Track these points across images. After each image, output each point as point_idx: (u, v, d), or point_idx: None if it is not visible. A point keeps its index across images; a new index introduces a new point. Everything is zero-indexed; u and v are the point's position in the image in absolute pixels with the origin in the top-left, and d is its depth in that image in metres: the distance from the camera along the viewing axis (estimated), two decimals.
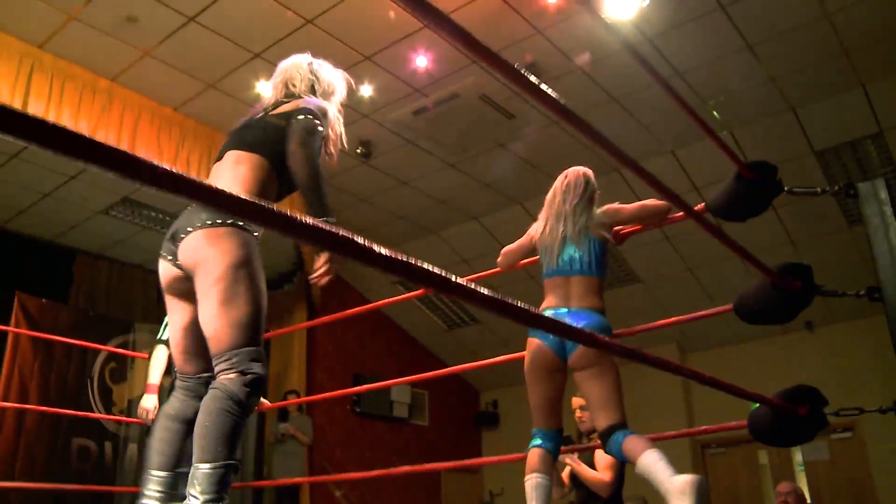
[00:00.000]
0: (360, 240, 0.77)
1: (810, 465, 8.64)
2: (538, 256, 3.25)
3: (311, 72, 2.63)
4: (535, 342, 2.99)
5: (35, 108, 5.47)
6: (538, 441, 2.93)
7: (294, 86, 2.58)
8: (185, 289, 2.28)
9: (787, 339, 8.87)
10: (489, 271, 4.17)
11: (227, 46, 5.75)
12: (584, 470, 4.18)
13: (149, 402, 4.25)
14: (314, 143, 2.30)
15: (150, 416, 4.15)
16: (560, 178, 3.25)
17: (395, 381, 5.45)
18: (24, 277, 7.62)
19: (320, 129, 2.37)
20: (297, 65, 2.64)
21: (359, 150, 6.99)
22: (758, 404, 2.26)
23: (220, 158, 2.44)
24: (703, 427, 3.46)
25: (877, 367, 7.77)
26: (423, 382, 10.25)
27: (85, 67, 5.85)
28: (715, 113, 6.54)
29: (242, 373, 2.05)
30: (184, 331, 2.32)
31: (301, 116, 2.34)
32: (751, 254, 2.10)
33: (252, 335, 2.11)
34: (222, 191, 0.78)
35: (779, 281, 2.39)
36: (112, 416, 7.45)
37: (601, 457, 4.20)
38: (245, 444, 7.90)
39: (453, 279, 0.82)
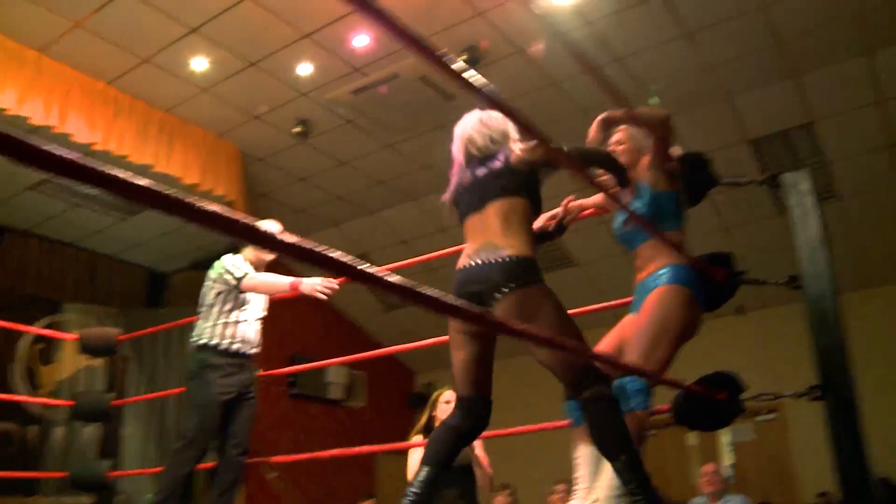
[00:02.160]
0: (262, 228, 0.76)
1: (737, 445, 8.89)
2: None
3: (496, 124, 2.93)
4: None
5: None
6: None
7: (493, 137, 2.89)
8: (480, 331, 2.70)
9: (719, 324, 9.02)
10: (431, 255, 4.19)
11: (162, 20, 5.59)
12: (486, 463, 4.27)
13: (310, 282, 4.07)
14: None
15: (324, 285, 3.99)
16: None
17: (329, 361, 5.42)
18: None
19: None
20: (486, 121, 2.94)
21: (297, 130, 6.89)
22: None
23: (476, 209, 2.76)
24: None
25: (803, 352, 8.00)
26: (361, 364, 10.21)
27: (9, 37, 5.61)
28: (652, 100, 6.61)
29: (602, 380, 2.40)
30: (470, 362, 2.76)
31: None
32: (674, 243, 2.13)
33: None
34: (126, 180, 0.76)
35: (704, 270, 2.44)
36: (37, 399, 7.25)
37: (481, 451, 4.30)
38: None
39: (359, 267, 0.81)
